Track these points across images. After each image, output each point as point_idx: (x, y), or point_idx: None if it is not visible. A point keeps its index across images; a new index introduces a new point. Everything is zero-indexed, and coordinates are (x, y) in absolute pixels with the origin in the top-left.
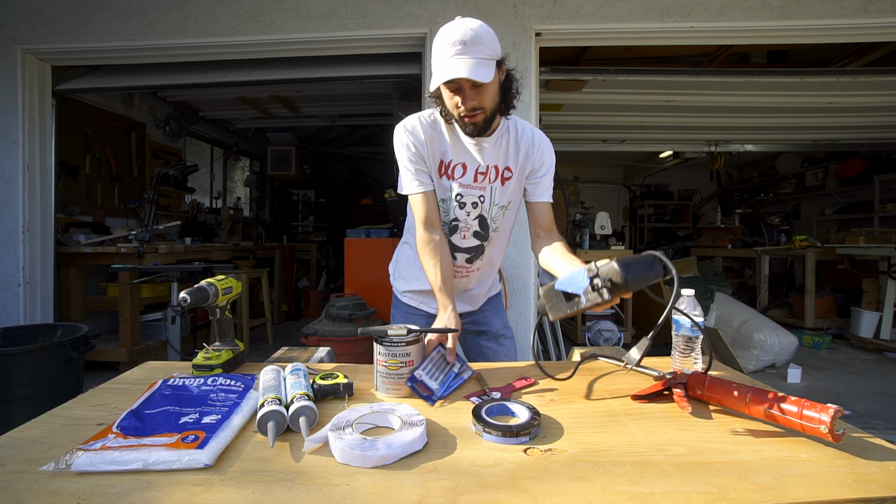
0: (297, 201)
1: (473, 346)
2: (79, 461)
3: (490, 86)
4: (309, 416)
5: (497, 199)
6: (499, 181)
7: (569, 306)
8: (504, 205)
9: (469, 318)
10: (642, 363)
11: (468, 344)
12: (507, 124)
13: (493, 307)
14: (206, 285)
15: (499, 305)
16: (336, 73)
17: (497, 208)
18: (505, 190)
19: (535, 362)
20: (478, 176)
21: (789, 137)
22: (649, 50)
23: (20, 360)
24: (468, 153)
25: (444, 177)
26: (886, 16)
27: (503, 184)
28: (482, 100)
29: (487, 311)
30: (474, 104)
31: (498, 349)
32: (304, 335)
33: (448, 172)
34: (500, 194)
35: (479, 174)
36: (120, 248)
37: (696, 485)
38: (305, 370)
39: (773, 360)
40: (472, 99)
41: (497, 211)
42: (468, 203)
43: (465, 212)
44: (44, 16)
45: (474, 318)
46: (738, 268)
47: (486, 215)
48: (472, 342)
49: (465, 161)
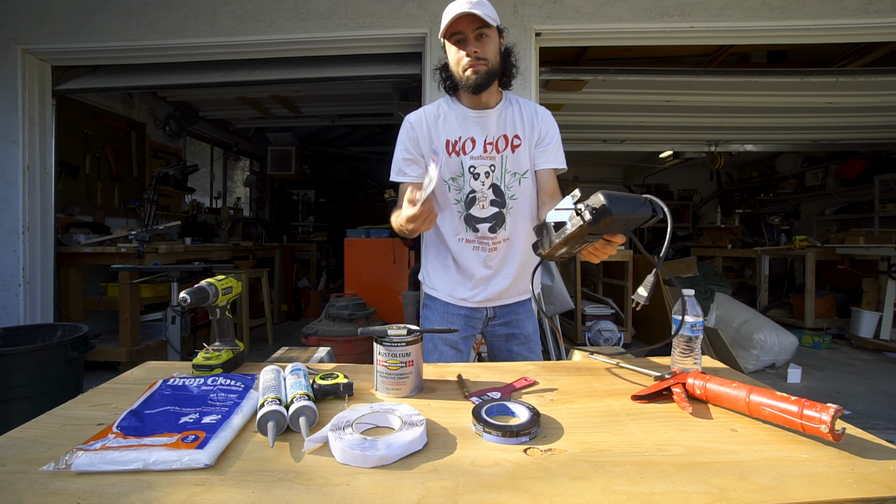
0: (297, 201)
1: (502, 349)
2: (79, 461)
3: (492, 41)
4: (309, 416)
5: (509, 166)
6: (509, 149)
7: (557, 236)
8: (518, 172)
9: (501, 320)
10: (641, 364)
11: (496, 348)
12: (510, 97)
13: (527, 310)
14: (206, 285)
15: (530, 308)
16: (336, 73)
17: (510, 175)
18: (517, 157)
19: (541, 361)
20: (487, 147)
21: (789, 137)
22: (649, 50)
23: (20, 360)
24: (475, 128)
25: (453, 154)
26: (886, 16)
27: (514, 151)
28: (485, 50)
29: (522, 314)
30: (478, 52)
31: (529, 355)
32: (304, 335)
33: (457, 149)
34: (511, 162)
35: (489, 145)
36: (120, 248)
37: (696, 485)
38: (305, 370)
39: (773, 360)
40: (476, 48)
41: (510, 178)
42: (481, 173)
43: (479, 182)
44: (44, 16)
45: (507, 320)
46: (738, 268)
47: (499, 183)
48: (502, 346)
49: (474, 135)
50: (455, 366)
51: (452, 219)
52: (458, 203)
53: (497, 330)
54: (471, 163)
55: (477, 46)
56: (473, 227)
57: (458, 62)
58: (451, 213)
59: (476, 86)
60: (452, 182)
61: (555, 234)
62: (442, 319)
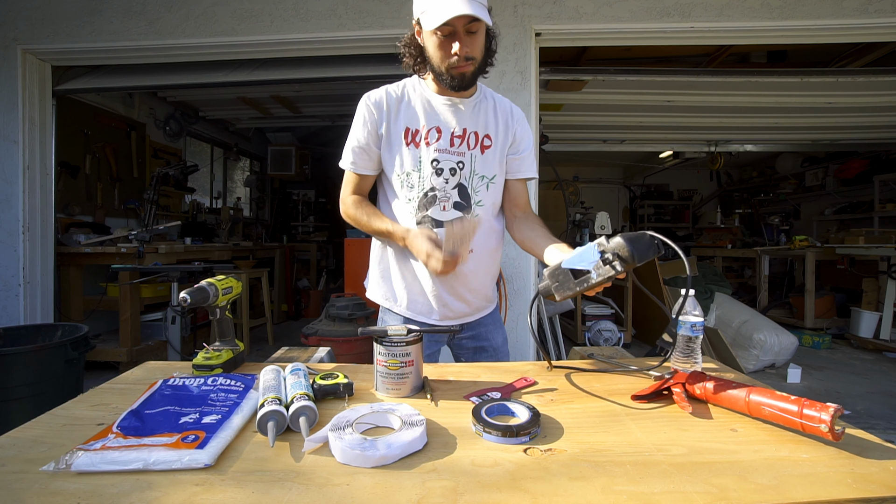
0: (297, 201)
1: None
2: (79, 461)
3: (481, 36)
4: (309, 416)
5: (478, 168)
6: (478, 149)
7: (577, 283)
8: (486, 176)
9: (469, 333)
10: (643, 364)
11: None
12: (485, 91)
13: (494, 320)
14: (206, 285)
15: (498, 318)
16: (336, 73)
17: (478, 178)
18: (486, 160)
19: (538, 360)
20: (454, 140)
21: (789, 137)
22: (649, 50)
23: (20, 360)
24: (442, 117)
25: (411, 145)
26: (886, 16)
27: (483, 152)
28: (474, 49)
29: (490, 325)
30: (468, 52)
31: None
32: (304, 335)
33: (416, 140)
34: (480, 164)
35: (456, 138)
36: (120, 248)
37: (696, 485)
38: (305, 370)
39: (773, 360)
40: (467, 46)
41: (478, 181)
42: (446, 169)
43: (442, 179)
44: (44, 16)
45: (475, 333)
46: (738, 268)
47: (467, 184)
48: (470, 359)
49: (439, 125)
50: (456, 366)
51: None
52: (410, 202)
53: (464, 343)
54: (434, 156)
55: (467, 44)
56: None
57: (443, 58)
58: (402, 215)
59: (461, 86)
60: (406, 177)
61: (574, 282)
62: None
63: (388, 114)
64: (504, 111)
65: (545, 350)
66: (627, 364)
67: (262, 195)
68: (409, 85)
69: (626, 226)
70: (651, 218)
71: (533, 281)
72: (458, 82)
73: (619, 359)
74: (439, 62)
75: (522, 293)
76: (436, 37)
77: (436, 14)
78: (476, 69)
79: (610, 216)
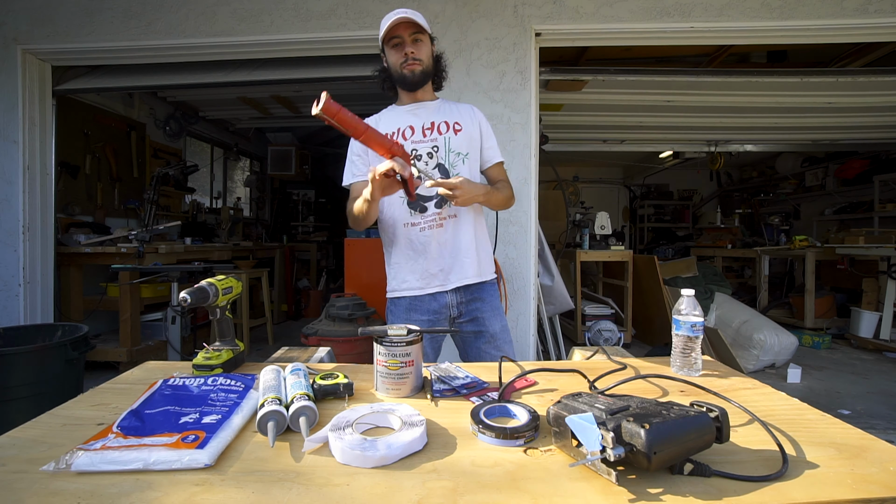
0: (297, 201)
1: (472, 348)
2: (79, 461)
3: (425, 45)
4: (309, 416)
5: (453, 146)
6: (451, 131)
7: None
8: (461, 153)
9: (466, 317)
10: (642, 361)
11: (466, 346)
12: (443, 100)
13: (493, 307)
14: (207, 285)
15: (497, 305)
16: (336, 73)
17: (454, 155)
18: (459, 139)
19: (538, 360)
20: (425, 131)
21: (789, 137)
22: (649, 50)
23: (20, 360)
24: (411, 118)
25: None
26: (886, 16)
27: (456, 133)
28: (419, 51)
29: (487, 311)
30: (414, 54)
31: (496, 354)
32: (304, 335)
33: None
34: (455, 142)
35: (427, 129)
36: (120, 248)
37: (695, 485)
38: (305, 370)
39: (773, 360)
40: (412, 49)
41: (455, 157)
42: (423, 154)
43: (422, 163)
44: (44, 16)
45: (473, 317)
46: (738, 268)
47: (444, 162)
48: (471, 344)
49: (412, 123)
50: (458, 365)
51: (395, 208)
52: None
53: (465, 327)
54: (412, 146)
55: (413, 48)
56: (421, 207)
57: (396, 62)
58: (393, 202)
59: (413, 83)
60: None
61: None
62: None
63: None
64: (466, 108)
65: (556, 335)
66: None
67: (262, 195)
68: (384, 110)
69: (626, 226)
70: (651, 218)
71: (533, 281)
72: (410, 78)
73: (618, 358)
74: (395, 66)
75: (522, 293)
76: (390, 49)
77: (385, 28)
78: (423, 69)
79: (610, 216)
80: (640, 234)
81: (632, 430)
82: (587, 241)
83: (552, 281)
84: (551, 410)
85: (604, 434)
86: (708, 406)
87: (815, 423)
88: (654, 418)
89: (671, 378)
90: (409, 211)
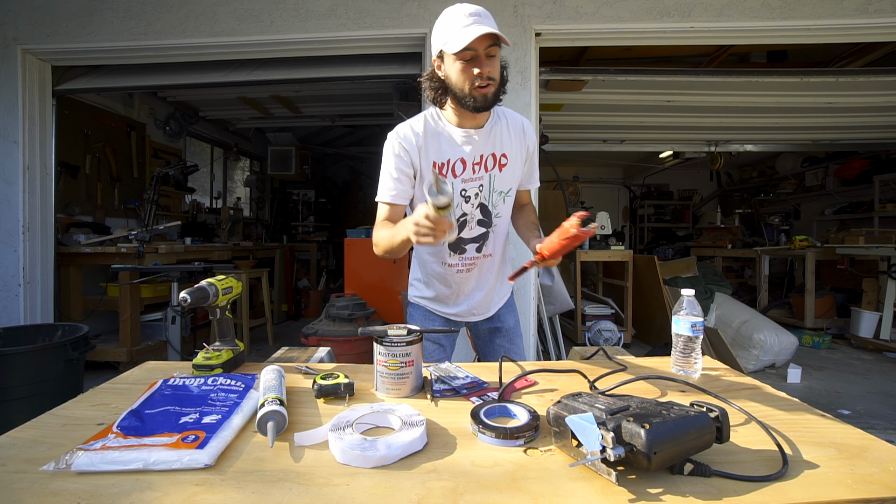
0: (297, 201)
1: (488, 344)
2: (79, 461)
3: (497, 60)
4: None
5: (497, 185)
6: (497, 168)
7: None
8: (504, 191)
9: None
10: (642, 362)
11: (482, 343)
12: (497, 112)
13: (508, 305)
14: (207, 285)
15: (511, 302)
16: (336, 73)
17: (497, 195)
18: (504, 176)
19: (541, 361)
20: (475, 168)
21: (789, 137)
22: (649, 50)
23: (20, 360)
24: (463, 148)
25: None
26: (886, 16)
27: (501, 170)
28: (494, 70)
29: (503, 308)
30: (490, 72)
31: (511, 347)
32: (304, 335)
33: (444, 172)
34: (499, 181)
35: (475, 165)
36: (120, 248)
37: (695, 485)
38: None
39: (773, 360)
40: (490, 69)
41: (497, 197)
42: (472, 195)
43: (470, 205)
44: (44, 16)
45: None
46: (738, 268)
47: (487, 202)
48: (487, 340)
49: (463, 156)
50: (458, 365)
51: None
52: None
53: (480, 325)
54: (462, 186)
55: (489, 66)
56: (461, 249)
57: (465, 81)
58: None
59: (484, 107)
60: None
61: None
62: (424, 319)
63: (419, 148)
64: (516, 128)
65: (556, 335)
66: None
67: (262, 195)
68: (429, 120)
69: (626, 226)
70: (651, 218)
71: (533, 281)
72: (481, 103)
73: (619, 357)
74: (463, 85)
75: (522, 293)
76: (459, 62)
77: (459, 39)
78: (496, 90)
79: (610, 216)
80: (640, 234)
81: (632, 430)
82: (587, 241)
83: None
84: (551, 410)
85: (604, 434)
86: (708, 406)
87: (815, 423)
88: (654, 418)
89: (671, 378)
90: (448, 252)
